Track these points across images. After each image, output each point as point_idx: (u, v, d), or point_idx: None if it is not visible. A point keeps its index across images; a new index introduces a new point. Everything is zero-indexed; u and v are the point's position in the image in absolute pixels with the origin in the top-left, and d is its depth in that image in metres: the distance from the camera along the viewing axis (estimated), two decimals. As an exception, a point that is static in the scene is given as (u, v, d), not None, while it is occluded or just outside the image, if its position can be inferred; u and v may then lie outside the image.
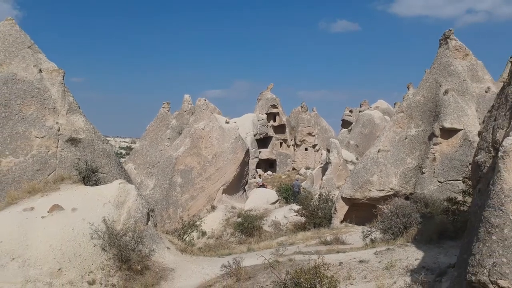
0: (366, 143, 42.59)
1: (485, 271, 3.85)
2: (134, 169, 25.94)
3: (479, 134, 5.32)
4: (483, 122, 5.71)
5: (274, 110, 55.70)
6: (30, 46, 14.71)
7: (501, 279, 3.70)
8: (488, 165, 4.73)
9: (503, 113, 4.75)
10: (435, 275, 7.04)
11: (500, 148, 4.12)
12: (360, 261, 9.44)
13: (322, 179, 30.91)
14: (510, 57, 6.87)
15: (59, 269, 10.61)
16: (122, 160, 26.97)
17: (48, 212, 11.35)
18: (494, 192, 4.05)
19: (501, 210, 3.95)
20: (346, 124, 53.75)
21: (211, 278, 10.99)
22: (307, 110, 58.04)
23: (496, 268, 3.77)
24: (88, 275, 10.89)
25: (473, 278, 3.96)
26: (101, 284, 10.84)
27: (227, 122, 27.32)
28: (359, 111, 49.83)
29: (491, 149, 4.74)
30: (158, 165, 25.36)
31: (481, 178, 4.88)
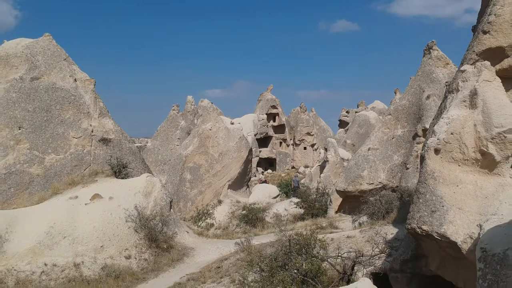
0: (362, 142, 44.51)
1: (415, 221, 6.13)
2: (147, 166, 28.16)
3: (425, 135, 7.55)
4: (429, 126, 7.97)
5: (274, 111, 57.62)
6: (65, 59, 16.96)
7: (423, 225, 5.98)
8: (428, 157, 7.00)
9: (438, 121, 6.99)
10: (401, 241, 9.32)
11: (425, 144, 6.40)
12: (348, 237, 11.78)
13: (320, 177, 33.06)
14: (446, 82, 8.93)
15: (102, 246, 12.90)
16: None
17: (90, 199, 13.64)
18: (422, 172, 6.31)
19: (425, 183, 6.21)
20: (343, 124, 55.94)
21: (226, 254, 13.29)
22: (306, 111, 59.99)
23: (421, 219, 6.04)
24: (125, 251, 13.18)
25: (409, 226, 6.24)
26: (135, 258, 13.13)
27: (232, 123, 29.57)
28: (355, 112, 52.04)
29: (430, 146, 7.01)
30: (169, 162, 27.60)
31: (425, 166, 7.15)
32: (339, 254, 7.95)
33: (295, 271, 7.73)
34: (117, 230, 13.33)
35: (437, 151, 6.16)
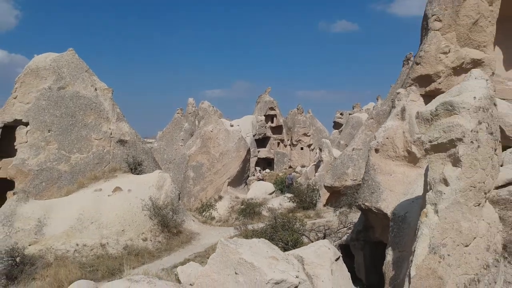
0: (354, 143, 47.18)
1: (361, 199, 8.63)
2: (153, 165, 30.66)
3: (375, 137, 10.10)
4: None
5: (272, 112, 59.92)
6: (86, 70, 19.48)
7: (366, 202, 8.49)
8: (377, 155, 9.54)
9: (378, 129, 9.51)
10: (365, 221, 11.84)
11: (369, 145, 8.92)
12: (327, 221, 14.31)
13: (315, 175, 35.55)
14: (391, 99, 11.26)
15: (123, 230, 15.41)
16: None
17: (112, 192, 16.15)
18: (366, 165, 8.81)
19: (368, 173, 8.71)
20: (337, 125, 58.43)
21: (227, 237, 15.80)
22: (302, 112, 62.40)
23: (364, 198, 8.54)
24: (142, 234, 15.69)
25: (357, 203, 8.75)
26: (151, 241, 15.65)
27: (232, 125, 32.10)
28: (349, 114, 54.55)
29: (378, 146, 9.56)
30: (174, 161, 30.12)
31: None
32: (313, 229, 10.47)
33: (280, 241, 10.25)
34: (135, 217, 15.84)
35: (376, 150, 8.68)
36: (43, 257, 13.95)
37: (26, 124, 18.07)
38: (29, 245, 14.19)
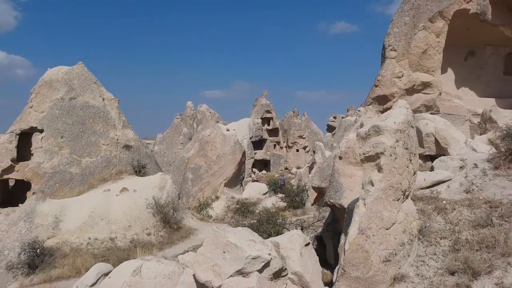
0: (346, 145, 49.05)
1: (327, 197, 10.63)
2: (154, 167, 32.59)
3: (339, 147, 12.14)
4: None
5: (268, 115, 61.78)
6: (95, 82, 21.48)
7: (331, 199, 10.50)
8: (344, 161, 11.57)
9: (341, 140, 11.55)
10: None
11: (334, 153, 10.91)
12: (308, 217, 16.33)
13: (308, 177, 37.53)
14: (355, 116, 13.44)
15: (129, 226, 17.39)
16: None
17: (120, 192, 18.13)
18: (332, 170, 10.81)
19: (333, 176, 10.71)
20: (330, 128, 60.41)
21: (221, 232, 17.82)
22: (298, 115, 64.43)
23: (330, 196, 10.55)
24: (146, 230, 17.67)
25: (324, 201, 10.76)
26: (154, 235, 17.63)
27: (228, 130, 34.11)
28: (342, 117, 56.56)
29: (345, 154, 11.58)
30: (173, 164, 32.10)
31: (343, 166, 11.71)
32: (292, 222, 12.48)
33: (264, 233, 12.25)
34: (140, 214, 17.82)
35: (340, 157, 10.71)
36: (60, 249, 15.91)
37: (41, 131, 20.05)
38: (48, 239, 16.14)
